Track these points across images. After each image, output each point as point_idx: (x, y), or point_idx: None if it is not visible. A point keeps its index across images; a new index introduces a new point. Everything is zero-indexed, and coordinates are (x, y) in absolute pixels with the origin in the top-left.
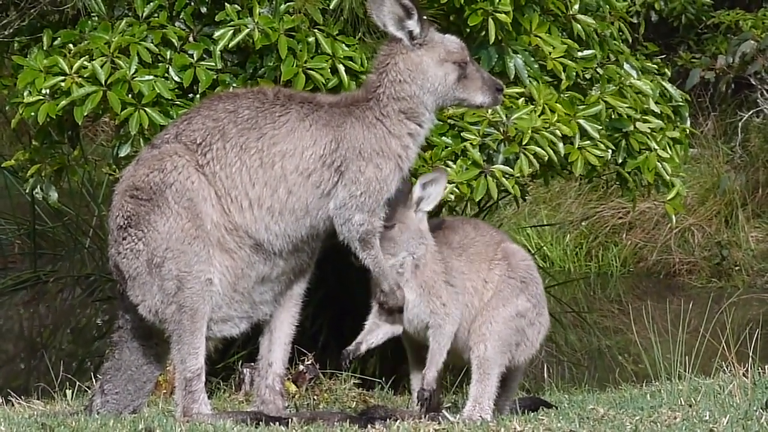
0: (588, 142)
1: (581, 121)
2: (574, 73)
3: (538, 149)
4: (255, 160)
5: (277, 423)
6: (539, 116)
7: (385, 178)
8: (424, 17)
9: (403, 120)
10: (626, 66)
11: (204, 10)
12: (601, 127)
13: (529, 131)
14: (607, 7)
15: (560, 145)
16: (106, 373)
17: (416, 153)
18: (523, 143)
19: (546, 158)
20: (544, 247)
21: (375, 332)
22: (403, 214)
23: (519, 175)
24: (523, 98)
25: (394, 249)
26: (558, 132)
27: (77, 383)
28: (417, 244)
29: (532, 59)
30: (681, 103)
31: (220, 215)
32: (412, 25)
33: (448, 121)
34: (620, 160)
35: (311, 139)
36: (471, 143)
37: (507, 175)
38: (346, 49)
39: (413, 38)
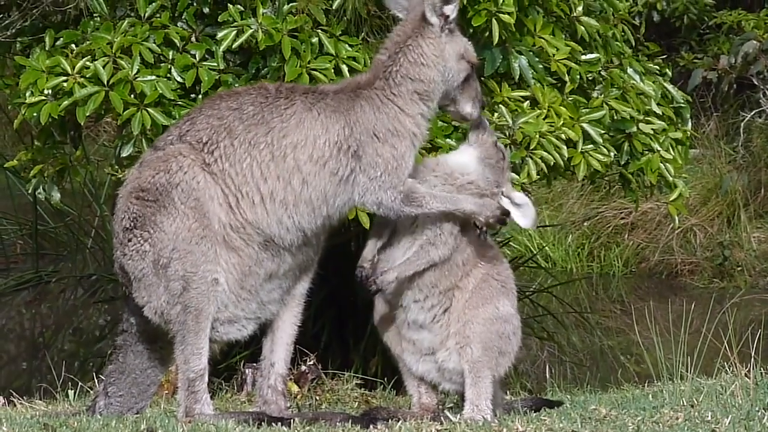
0: (591, 146)
1: (585, 125)
2: (578, 76)
3: (544, 153)
4: (265, 155)
5: (280, 423)
6: (544, 120)
7: (402, 155)
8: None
9: (416, 100)
10: (629, 70)
11: (206, 10)
12: (604, 131)
13: (537, 136)
14: (611, 9)
15: (564, 148)
16: (110, 375)
17: (427, 133)
18: (531, 148)
19: (552, 162)
20: (546, 248)
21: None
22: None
23: (525, 181)
24: (528, 102)
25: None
26: (563, 136)
27: (79, 384)
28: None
29: (537, 60)
30: (683, 105)
31: (227, 214)
32: (450, 10)
33: (453, 122)
34: (623, 162)
35: (322, 127)
36: None
37: (513, 183)
38: (350, 49)
39: (446, 24)
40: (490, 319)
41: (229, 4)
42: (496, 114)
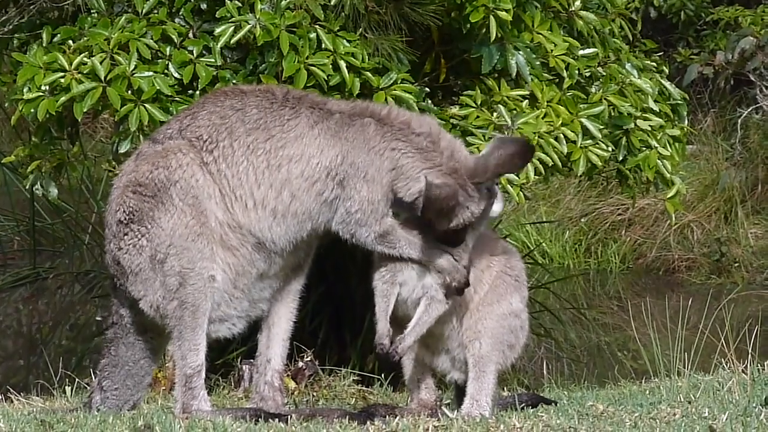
0: (590, 141)
1: (584, 121)
2: (576, 71)
3: (542, 155)
4: (262, 161)
5: (277, 419)
6: (543, 119)
7: (378, 201)
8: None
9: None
10: (627, 66)
11: (204, 6)
12: (603, 127)
13: (536, 137)
14: (609, 4)
15: (563, 146)
16: (104, 370)
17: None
18: None
19: (550, 163)
20: (543, 244)
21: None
22: None
23: (524, 182)
24: (526, 101)
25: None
26: (562, 136)
27: (76, 380)
28: None
29: (534, 56)
30: (680, 102)
31: (223, 213)
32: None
33: (451, 120)
34: (621, 158)
35: (318, 148)
36: (477, 148)
37: (512, 183)
38: (348, 45)
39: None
40: (503, 314)
41: (226, 0)
42: (495, 113)
